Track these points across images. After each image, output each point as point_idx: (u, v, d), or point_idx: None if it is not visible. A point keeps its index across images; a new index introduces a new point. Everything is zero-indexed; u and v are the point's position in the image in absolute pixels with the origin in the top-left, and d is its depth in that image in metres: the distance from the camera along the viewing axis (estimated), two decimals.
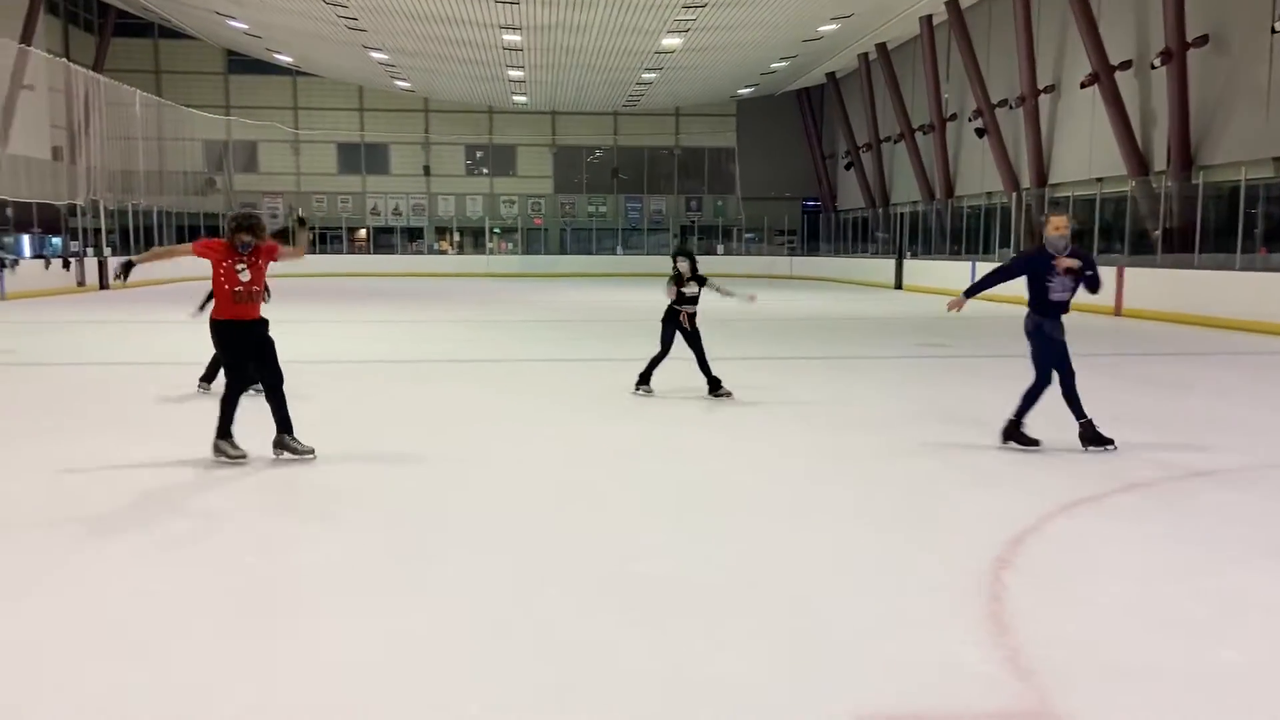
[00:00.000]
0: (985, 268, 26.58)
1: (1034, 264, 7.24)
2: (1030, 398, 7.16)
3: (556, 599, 4.14)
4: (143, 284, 31.32)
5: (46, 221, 30.84)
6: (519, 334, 16.66)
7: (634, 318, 19.58)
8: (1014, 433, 7.18)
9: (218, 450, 6.50)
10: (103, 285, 29.29)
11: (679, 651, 3.60)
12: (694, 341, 9.35)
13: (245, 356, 6.56)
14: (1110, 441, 6.99)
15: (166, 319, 18.82)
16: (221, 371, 7.68)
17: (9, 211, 27.93)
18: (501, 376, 11.27)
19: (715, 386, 9.33)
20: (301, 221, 7.02)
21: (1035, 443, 7.05)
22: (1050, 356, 7.13)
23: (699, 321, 9.37)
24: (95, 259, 29.59)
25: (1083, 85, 23.50)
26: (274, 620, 3.92)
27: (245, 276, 6.48)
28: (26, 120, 32.47)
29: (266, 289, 7.02)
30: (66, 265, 28.04)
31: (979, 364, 12.66)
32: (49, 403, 9.19)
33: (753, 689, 3.32)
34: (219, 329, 6.54)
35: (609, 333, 16.69)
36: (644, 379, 9.57)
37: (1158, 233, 21.72)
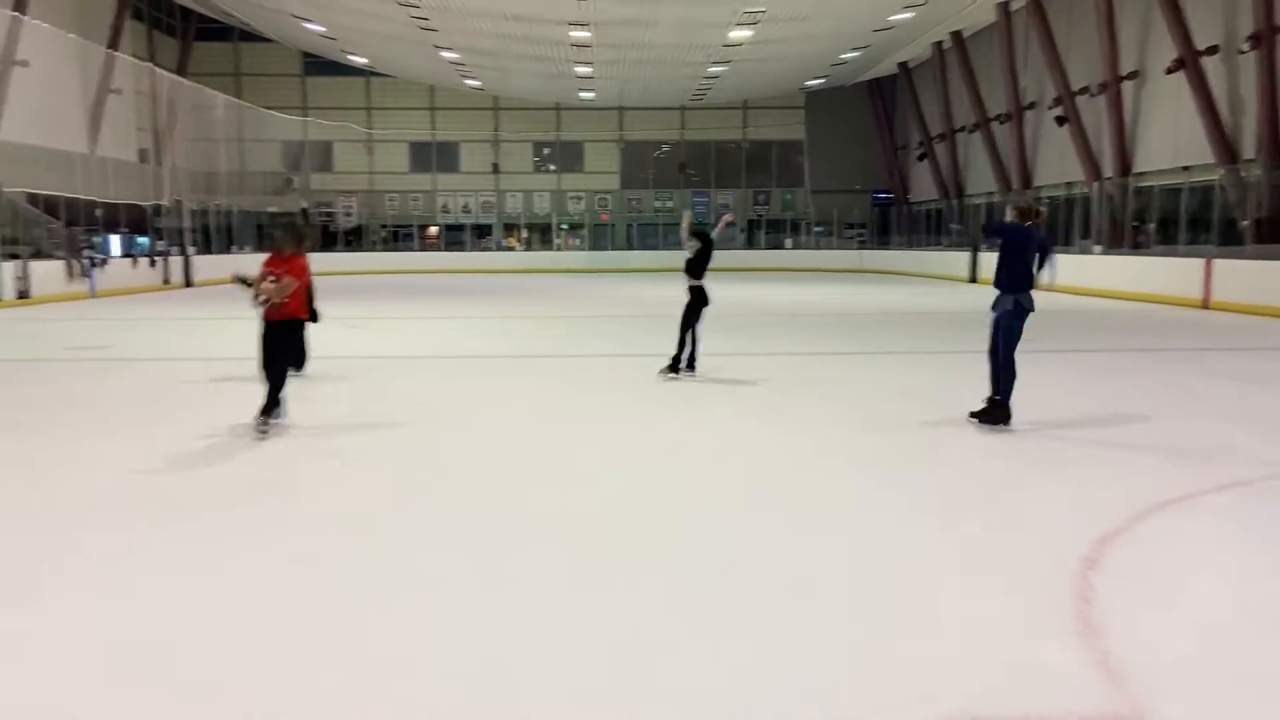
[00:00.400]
0: (1064, 259, 26.02)
1: (1022, 236, 7.59)
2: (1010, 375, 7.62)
3: (623, 598, 4.16)
4: (223, 281, 32.26)
5: (133, 221, 31.88)
6: (587, 329, 16.75)
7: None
8: (994, 414, 7.54)
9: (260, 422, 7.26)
10: (187, 283, 30.20)
11: (760, 650, 3.59)
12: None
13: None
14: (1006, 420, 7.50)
15: (243, 315, 19.35)
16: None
17: (98, 212, 28.93)
18: (570, 371, 11.33)
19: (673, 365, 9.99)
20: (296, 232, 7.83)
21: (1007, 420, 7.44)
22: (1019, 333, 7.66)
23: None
24: (180, 257, 30.51)
25: (1168, 71, 22.75)
26: (378, 607, 4.00)
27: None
28: (114, 123, 33.65)
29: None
30: (153, 263, 28.97)
31: (1053, 359, 12.33)
32: (143, 395, 9.51)
33: (835, 689, 3.29)
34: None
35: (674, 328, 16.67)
36: (674, 366, 10.07)
37: (1246, 223, 20.93)
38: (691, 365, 10.15)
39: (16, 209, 26.63)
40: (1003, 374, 7.48)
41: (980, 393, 9.42)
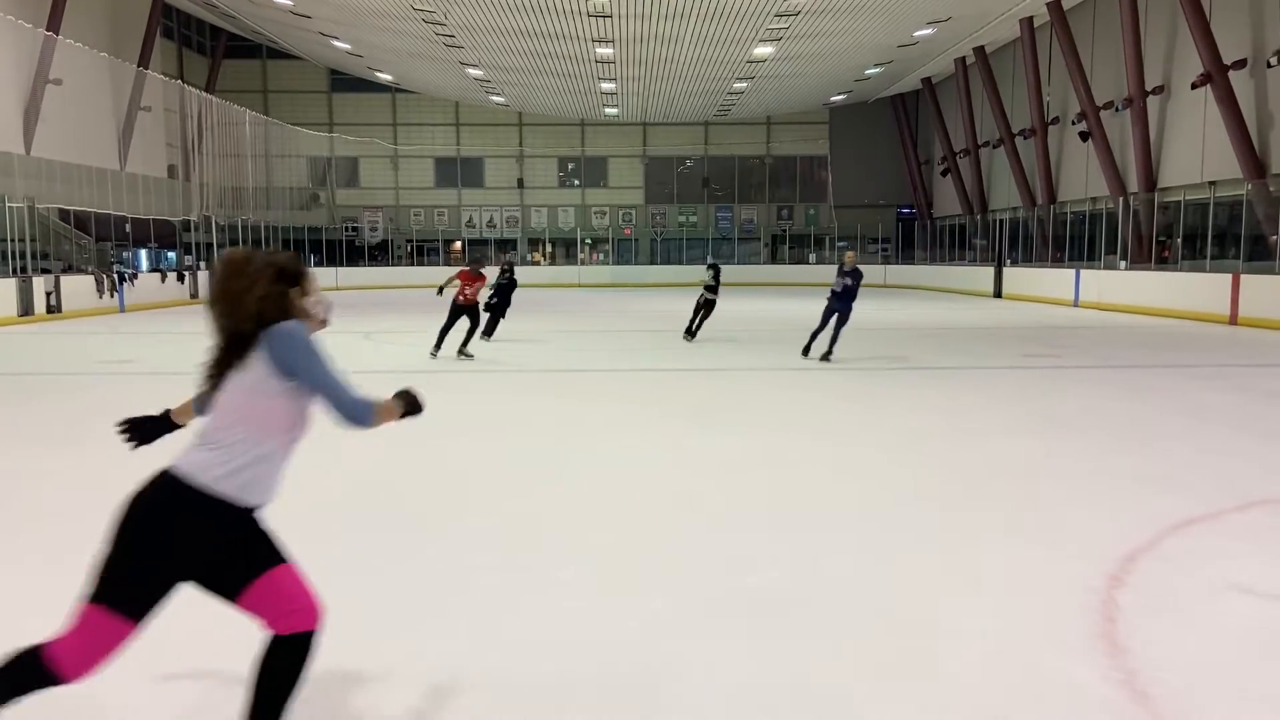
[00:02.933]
0: (1090, 275, 25.86)
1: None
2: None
3: (662, 612, 4.17)
4: None
5: (162, 237, 32.33)
6: (613, 343, 16.78)
7: (723, 326, 19.53)
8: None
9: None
10: None
11: (783, 666, 3.59)
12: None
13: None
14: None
15: None
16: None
17: (128, 227, 29.35)
18: (598, 385, 11.36)
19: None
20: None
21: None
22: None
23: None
24: (208, 272, 30.84)
25: (1194, 86, 22.61)
26: (429, 619, 4.04)
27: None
28: (144, 140, 34.18)
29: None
30: (181, 278, 29.32)
31: (1089, 374, 12.26)
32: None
33: (860, 704, 3.29)
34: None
35: (699, 342, 16.67)
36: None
37: (1275, 238, 20.73)
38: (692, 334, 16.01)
39: (48, 224, 27.08)
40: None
41: (1012, 408, 9.37)
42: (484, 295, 14.62)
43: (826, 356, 13.04)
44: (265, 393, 2.64)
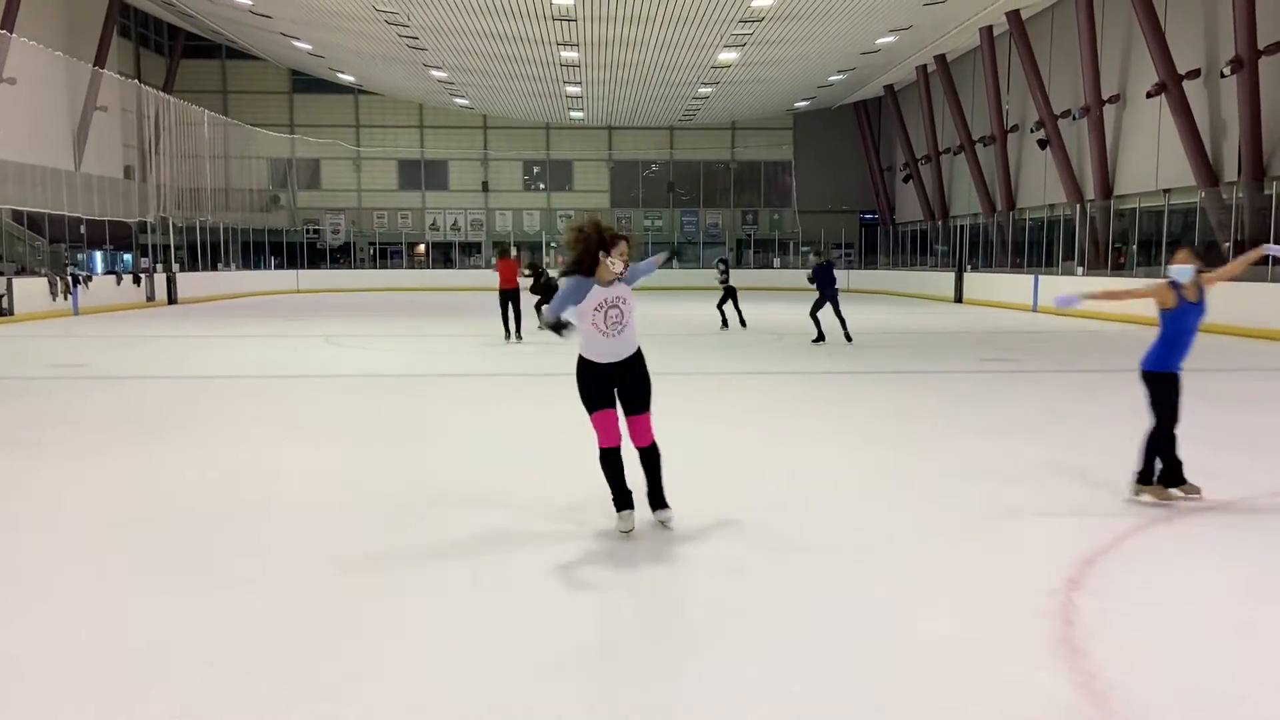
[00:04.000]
0: (1050, 281, 26.22)
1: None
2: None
3: (629, 619, 4.12)
4: (208, 299, 32.10)
5: (118, 238, 31.77)
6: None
7: (686, 331, 19.53)
8: None
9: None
10: (171, 300, 30.07)
11: (743, 667, 3.56)
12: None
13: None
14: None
15: (227, 333, 19.24)
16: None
17: (82, 229, 28.81)
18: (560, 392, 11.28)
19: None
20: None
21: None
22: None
23: None
24: (164, 275, 30.38)
25: (1149, 95, 23.01)
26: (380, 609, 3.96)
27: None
28: (100, 140, 33.59)
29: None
30: (137, 281, 28.83)
31: (1045, 378, 12.39)
32: (121, 414, 9.43)
33: (820, 707, 3.27)
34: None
35: (663, 346, 16.67)
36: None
37: (1228, 244, 21.12)
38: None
39: (0, 226, 26.51)
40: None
41: (971, 411, 9.44)
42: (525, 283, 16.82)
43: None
44: None
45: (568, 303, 5.06)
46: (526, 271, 17.98)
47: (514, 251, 19.78)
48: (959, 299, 31.81)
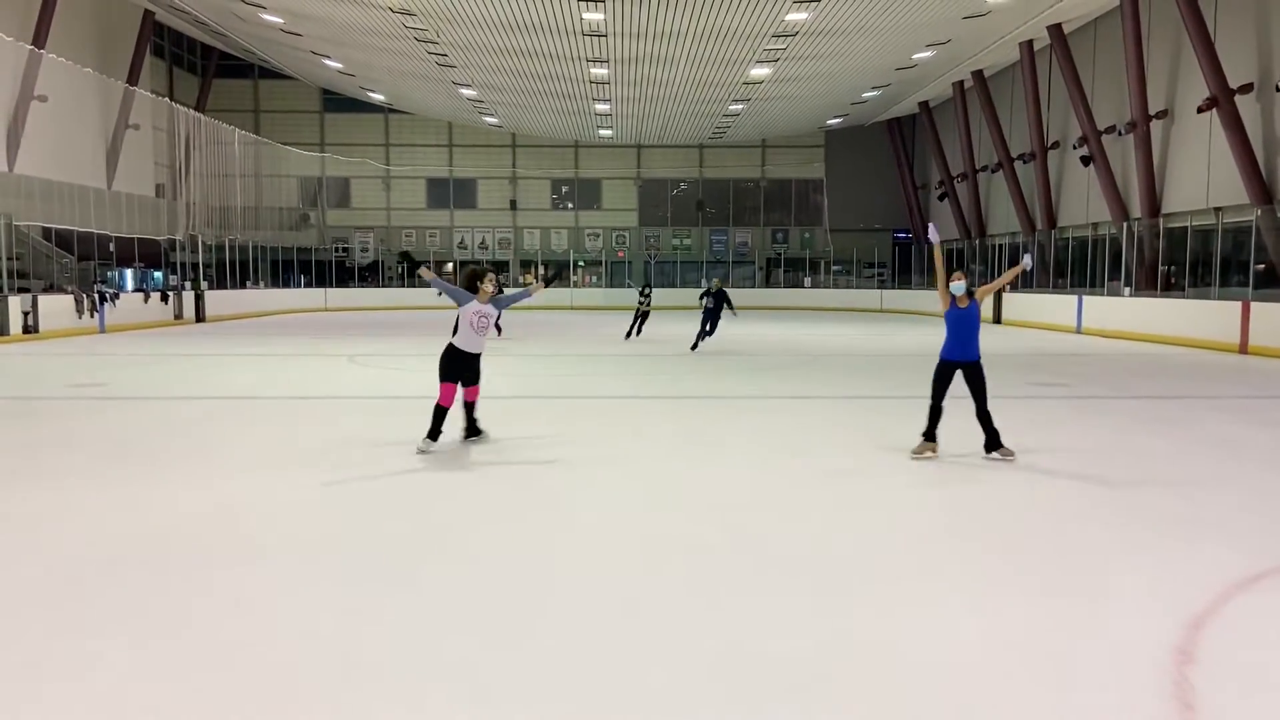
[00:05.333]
0: (1095, 301, 25.40)
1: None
2: None
3: (662, 684, 3.55)
4: (235, 317, 31.94)
5: (149, 256, 31.71)
6: (593, 368, 16.16)
7: (711, 351, 18.95)
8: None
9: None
10: (199, 318, 29.91)
11: None
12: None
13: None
14: None
15: (250, 352, 18.90)
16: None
17: (111, 247, 28.72)
18: (580, 414, 10.74)
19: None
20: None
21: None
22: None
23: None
24: (193, 293, 30.25)
25: (1199, 110, 22.21)
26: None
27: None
28: (132, 158, 33.65)
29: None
30: (165, 299, 28.69)
31: (1107, 405, 11.68)
32: (128, 438, 8.99)
33: None
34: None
35: (684, 368, 16.10)
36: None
37: None
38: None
39: (28, 243, 26.46)
40: None
41: (1030, 443, 8.70)
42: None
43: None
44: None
45: (455, 296, 8.29)
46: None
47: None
48: (997, 320, 31.00)
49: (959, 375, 8.18)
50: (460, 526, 5.88)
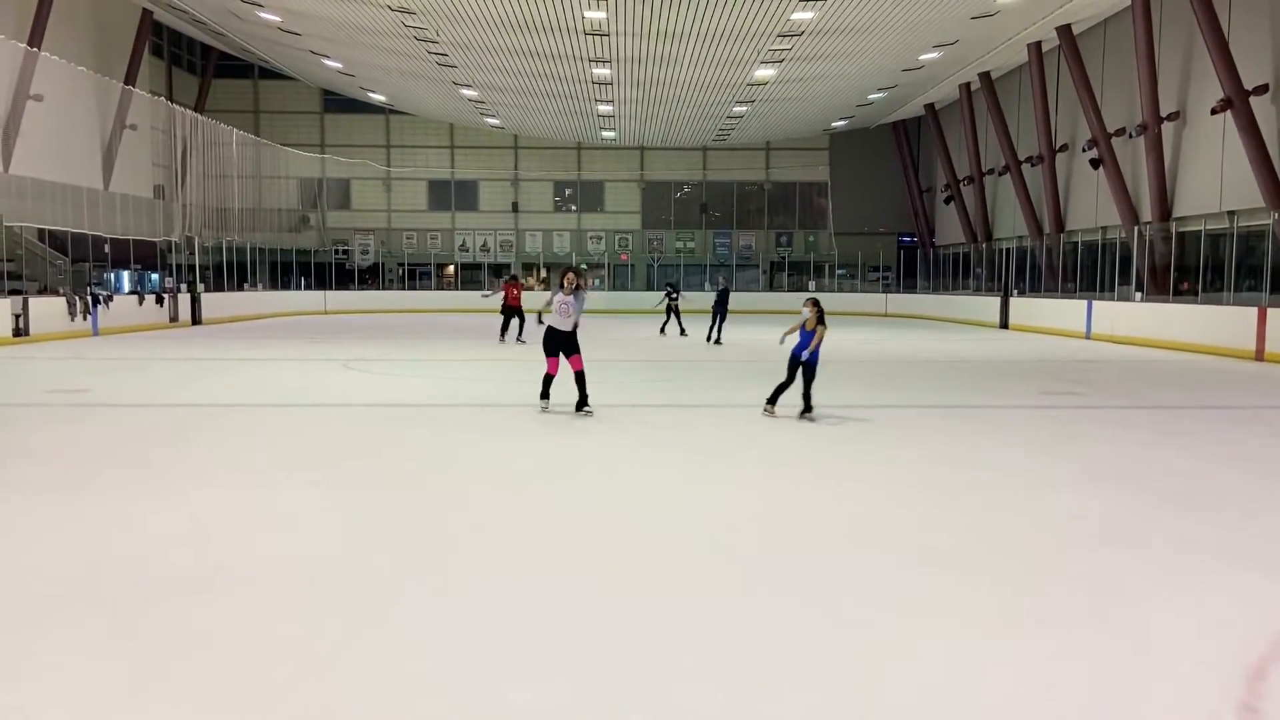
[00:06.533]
0: (1103, 307, 24.92)
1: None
2: None
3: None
4: (232, 319, 31.55)
5: (145, 258, 31.32)
6: (600, 375, 15.72)
7: (719, 357, 18.51)
8: None
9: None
10: (195, 320, 29.50)
11: None
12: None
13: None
14: None
15: (243, 356, 18.49)
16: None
17: (107, 248, 28.32)
18: (580, 423, 10.30)
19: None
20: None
21: None
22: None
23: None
24: (188, 295, 29.85)
25: (1213, 111, 21.76)
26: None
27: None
28: (130, 159, 33.25)
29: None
30: (160, 301, 28.30)
31: (1126, 416, 11.22)
32: (106, 449, 8.57)
33: None
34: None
35: (690, 375, 15.66)
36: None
37: None
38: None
39: (21, 244, 26.06)
40: None
41: (1045, 458, 8.22)
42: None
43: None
44: None
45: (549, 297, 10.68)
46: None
47: (517, 276, 26.12)
48: (1004, 325, 30.58)
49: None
50: (443, 548, 5.45)
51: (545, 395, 10.65)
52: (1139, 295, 24.77)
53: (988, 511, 6.43)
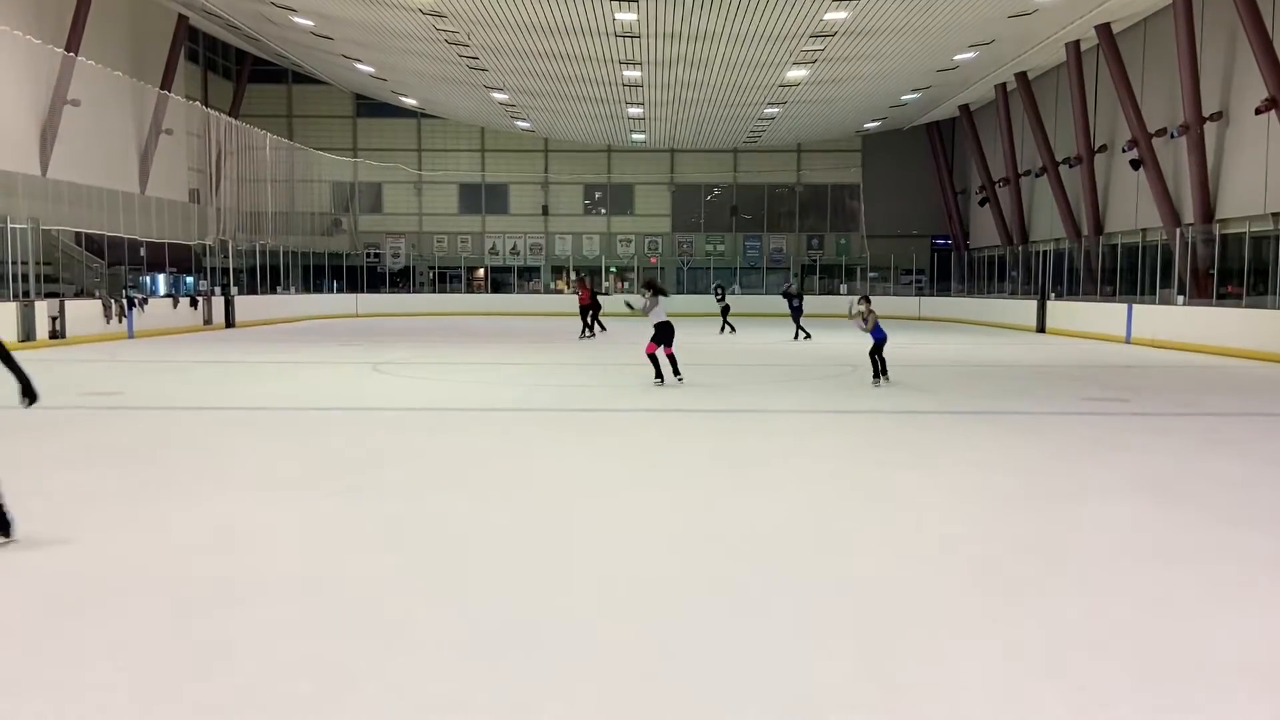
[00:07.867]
0: (1144, 311, 24.44)
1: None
2: None
3: None
4: (265, 322, 31.75)
5: (180, 261, 31.61)
6: (622, 379, 15.56)
7: (745, 362, 18.30)
8: None
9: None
10: (229, 323, 29.72)
11: None
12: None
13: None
14: None
15: (275, 359, 18.54)
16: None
17: (142, 251, 28.61)
18: (607, 428, 10.16)
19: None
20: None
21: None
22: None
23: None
24: (222, 297, 30.07)
25: (1257, 111, 21.27)
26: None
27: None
28: (166, 163, 33.59)
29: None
30: (194, 304, 28.53)
31: (1172, 423, 10.91)
32: (135, 453, 8.54)
33: None
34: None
35: (722, 379, 15.47)
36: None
37: None
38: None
39: (58, 247, 26.37)
40: None
41: (1091, 466, 7.95)
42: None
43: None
44: None
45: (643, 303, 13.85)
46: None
47: (587, 279, 30.20)
48: (1041, 329, 30.09)
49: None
50: (476, 558, 5.32)
51: (660, 373, 13.76)
52: (1181, 299, 24.26)
53: (1033, 521, 6.20)
